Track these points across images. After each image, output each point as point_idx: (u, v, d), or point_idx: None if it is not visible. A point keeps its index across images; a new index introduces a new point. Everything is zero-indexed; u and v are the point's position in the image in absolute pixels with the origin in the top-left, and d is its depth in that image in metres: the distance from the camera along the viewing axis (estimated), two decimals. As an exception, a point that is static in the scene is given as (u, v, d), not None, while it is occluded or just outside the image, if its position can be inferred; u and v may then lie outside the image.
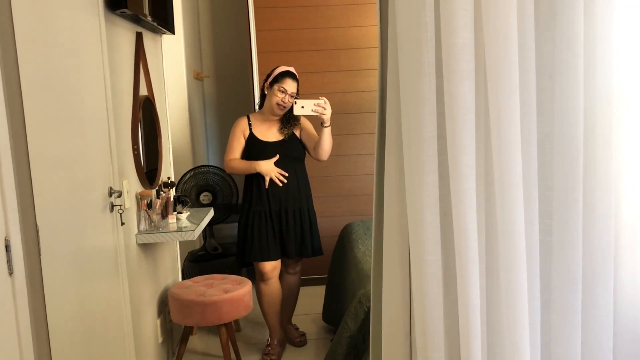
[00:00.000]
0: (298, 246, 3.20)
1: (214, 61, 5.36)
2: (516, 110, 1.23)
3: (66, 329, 1.78)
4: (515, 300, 1.24)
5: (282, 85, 3.01)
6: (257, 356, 3.29)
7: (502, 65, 1.21)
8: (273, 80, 3.06)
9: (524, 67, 1.26)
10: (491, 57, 1.22)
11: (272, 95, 3.04)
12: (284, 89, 3.01)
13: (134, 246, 2.59)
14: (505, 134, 1.22)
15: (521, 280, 1.23)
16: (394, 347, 1.44)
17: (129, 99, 2.62)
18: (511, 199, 1.23)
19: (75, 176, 1.92)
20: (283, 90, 3.01)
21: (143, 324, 2.66)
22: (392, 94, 1.40)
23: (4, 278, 1.44)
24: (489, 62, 1.23)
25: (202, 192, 3.97)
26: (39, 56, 1.70)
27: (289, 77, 3.04)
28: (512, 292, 1.23)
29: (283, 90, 3.01)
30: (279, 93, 3.02)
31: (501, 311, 1.26)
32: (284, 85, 3.01)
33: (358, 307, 2.40)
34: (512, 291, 1.23)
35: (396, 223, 1.37)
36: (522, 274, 1.23)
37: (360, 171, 4.44)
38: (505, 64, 1.21)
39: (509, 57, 1.21)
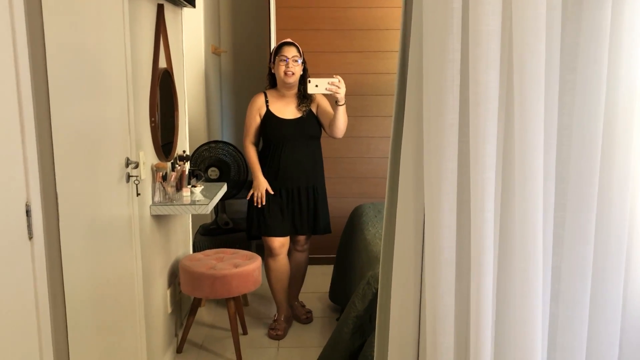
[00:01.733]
0: (311, 223, 3.23)
1: (232, 36, 5.35)
2: (540, 101, 1.22)
3: (81, 293, 1.81)
4: (529, 290, 1.25)
5: (281, 54, 3.09)
6: (263, 330, 3.34)
7: (528, 55, 1.21)
8: (274, 56, 3.14)
9: (549, 58, 1.26)
10: (518, 46, 1.21)
11: (278, 68, 3.11)
12: (284, 56, 3.08)
13: (147, 217, 2.62)
14: (529, 125, 1.22)
15: (536, 271, 1.24)
16: (402, 330, 1.46)
17: (148, 71, 2.63)
18: (530, 190, 1.24)
19: (94, 146, 1.95)
20: (283, 58, 3.08)
21: (153, 294, 2.71)
22: (413, 78, 1.40)
23: (24, 242, 1.47)
24: (516, 51, 1.22)
25: (210, 167, 4.00)
26: (64, 27, 1.71)
27: (285, 45, 3.13)
28: (526, 282, 1.24)
29: (283, 58, 3.08)
30: (281, 63, 3.08)
31: (515, 301, 1.27)
32: (282, 53, 3.09)
33: (366, 288, 2.43)
34: (526, 281, 1.24)
35: (411, 208, 1.38)
36: (537, 265, 1.24)
37: (373, 154, 4.44)
38: (532, 54, 1.21)
39: (536, 47, 1.21)
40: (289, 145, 3.15)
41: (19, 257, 1.44)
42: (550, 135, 1.29)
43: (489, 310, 1.29)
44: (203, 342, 3.22)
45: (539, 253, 1.26)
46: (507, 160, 1.29)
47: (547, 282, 1.34)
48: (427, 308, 1.35)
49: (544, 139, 1.27)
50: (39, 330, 1.53)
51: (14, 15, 1.40)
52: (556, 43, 1.27)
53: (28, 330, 1.49)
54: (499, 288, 1.34)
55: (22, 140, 1.44)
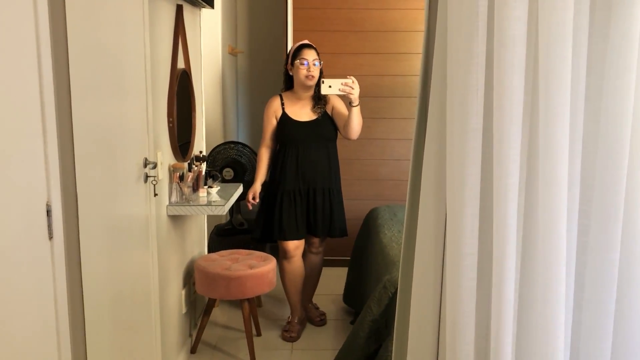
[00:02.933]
0: (326, 225, 3.22)
1: (248, 37, 5.36)
2: (566, 107, 1.20)
3: (99, 293, 1.82)
4: (551, 297, 1.23)
5: (302, 57, 3.07)
6: (277, 332, 3.34)
7: (554, 60, 1.19)
8: (292, 58, 3.12)
9: (575, 63, 1.24)
10: (543, 51, 1.19)
11: (297, 71, 3.09)
12: (305, 59, 3.06)
13: (164, 217, 2.63)
14: (554, 130, 1.20)
15: (559, 278, 1.22)
16: (421, 336, 1.44)
17: (167, 71, 2.64)
18: (554, 196, 1.22)
19: (113, 146, 1.95)
20: (304, 61, 3.06)
21: (168, 293, 2.71)
22: (437, 82, 1.38)
23: (44, 241, 1.47)
24: (541, 56, 1.21)
25: (225, 168, 4.00)
26: (86, 27, 1.72)
27: (305, 48, 3.11)
28: (549, 289, 1.22)
29: (304, 61, 3.06)
30: (302, 66, 3.06)
31: (536, 309, 1.26)
32: (302, 56, 3.07)
33: (382, 292, 2.41)
34: (549, 288, 1.22)
35: (433, 213, 1.36)
36: (560, 273, 1.22)
37: (389, 156, 4.42)
38: (558, 60, 1.19)
39: (562, 52, 1.19)
40: (304, 147, 3.14)
41: (40, 257, 1.45)
42: (575, 142, 1.27)
43: (510, 317, 1.27)
44: (217, 342, 3.22)
45: (562, 260, 1.24)
46: (531, 166, 1.27)
47: (571, 290, 1.32)
48: (447, 315, 1.33)
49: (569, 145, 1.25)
50: (57, 328, 1.53)
51: (38, 16, 1.41)
52: (583, 48, 1.25)
53: (47, 328, 1.49)
54: (521, 295, 1.32)
55: (44, 141, 1.45)
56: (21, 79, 1.36)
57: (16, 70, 1.34)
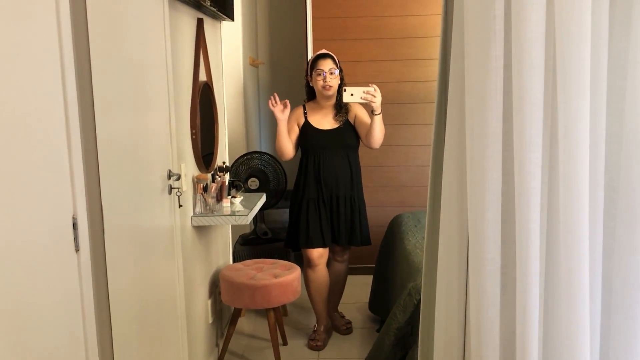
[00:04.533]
0: (348, 234, 3.22)
1: (269, 48, 5.40)
2: (585, 108, 1.19)
3: (125, 304, 1.84)
4: (576, 303, 1.21)
5: (318, 68, 3.09)
6: (303, 341, 3.33)
7: (573, 61, 1.18)
8: (310, 69, 3.14)
9: (596, 64, 1.22)
10: (562, 53, 1.18)
11: (315, 82, 3.11)
12: (321, 70, 3.08)
13: (189, 228, 2.65)
14: (573, 132, 1.19)
15: (583, 283, 1.20)
16: (446, 343, 1.43)
17: (189, 84, 2.67)
18: (576, 199, 1.20)
19: (137, 158, 1.98)
20: (320, 72, 3.07)
21: (195, 304, 2.73)
22: (455, 86, 1.38)
23: (71, 254, 1.50)
24: (560, 57, 1.19)
25: (250, 178, 4.03)
26: (108, 41, 1.75)
27: (321, 58, 3.12)
28: (573, 295, 1.20)
29: (320, 72, 3.07)
30: (318, 77, 3.08)
31: (560, 314, 1.24)
32: (319, 67, 3.09)
33: (407, 300, 2.40)
34: (573, 294, 1.21)
35: (455, 219, 1.35)
36: (584, 277, 1.20)
37: (412, 162, 4.40)
38: (576, 60, 1.17)
39: (580, 53, 1.17)
40: (326, 155, 3.15)
41: (67, 270, 1.48)
42: (598, 143, 1.25)
43: (535, 323, 1.25)
44: (243, 352, 3.23)
45: (584, 265, 1.22)
46: (553, 169, 1.26)
47: (597, 294, 1.30)
48: (472, 321, 1.32)
49: (591, 146, 1.23)
50: (85, 340, 1.56)
51: (61, 32, 1.44)
52: (603, 48, 1.23)
53: (75, 340, 1.52)
54: (546, 301, 1.30)
55: (69, 155, 1.48)
56: (45, 93, 1.39)
57: (40, 84, 1.37)
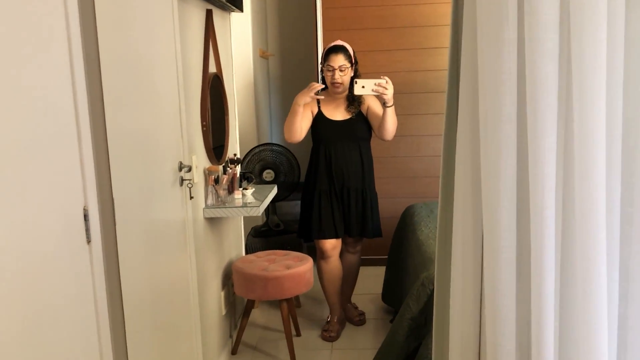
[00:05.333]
0: (360, 226, 3.21)
1: (279, 39, 5.38)
2: (601, 92, 1.16)
3: (138, 295, 1.85)
4: (592, 290, 1.19)
5: (328, 64, 3.03)
6: (316, 332, 3.33)
7: (588, 44, 1.15)
8: (323, 61, 3.10)
9: (612, 46, 1.19)
10: (576, 36, 1.15)
11: (326, 75, 3.08)
12: (330, 67, 3.02)
13: (201, 220, 2.65)
14: (589, 117, 1.16)
15: (599, 269, 1.18)
16: (461, 332, 1.41)
17: (199, 75, 2.67)
18: (592, 185, 1.17)
19: (147, 150, 1.98)
20: (330, 68, 3.03)
21: (208, 295, 2.74)
22: (467, 73, 1.35)
23: (82, 246, 1.50)
24: (574, 41, 1.17)
25: (265, 170, 4.03)
26: (117, 33, 1.75)
27: (332, 53, 3.04)
28: (589, 281, 1.18)
29: (330, 68, 3.03)
30: (328, 73, 3.04)
31: (577, 301, 1.21)
32: (329, 63, 3.03)
33: (420, 290, 2.38)
34: (589, 280, 1.18)
35: (469, 207, 1.33)
36: (600, 264, 1.18)
37: (424, 152, 4.37)
38: (591, 44, 1.15)
39: (595, 35, 1.14)
40: (338, 146, 3.13)
41: (78, 261, 1.48)
42: (614, 128, 1.22)
43: (550, 311, 1.23)
44: (257, 343, 3.24)
45: (601, 251, 1.19)
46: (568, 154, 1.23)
47: (615, 282, 1.27)
48: (487, 310, 1.30)
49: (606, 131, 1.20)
50: (98, 331, 1.56)
51: (69, 25, 1.44)
52: (619, 30, 1.20)
53: (88, 331, 1.52)
54: (562, 288, 1.28)
55: (79, 146, 1.48)
56: (54, 86, 1.39)
57: (49, 78, 1.37)
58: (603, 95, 1.17)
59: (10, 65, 1.22)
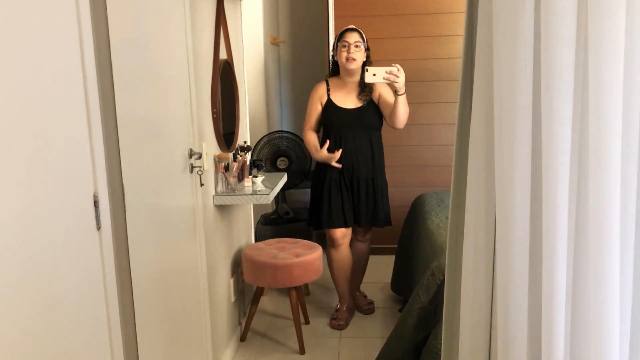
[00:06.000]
0: (370, 215, 3.19)
1: (290, 26, 5.35)
2: (618, 80, 1.14)
3: (147, 282, 1.85)
4: (605, 282, 1.17)
5: (344, 40, 3.04)
6: (325, 320, 3.34)
7: (605, 30, 1.12)
8: (336, 43, 3.11)
9: (630, 35, 1.16)
10: (593, 23, 1.13)
11: (340, 55, 3.07)
12: (346, 42, 3.03)
13: (210, 207, 2.65)
14: (605, 105, 1.14)
15: (612, 263, 1.16)
16: (472, 322, 1.40)
17: (209, 62, 2.65)
18: (607, 175, 1.15)
19: (158, 137, 1.98)
20: (345, 43, 3.03)
21: (217, 282, 2.74)
22: (482, 61, 1.33)
23: (92, 232, 1.50)
24: (591, 28, 1.14)
25: (279, 157, 4.02)
26: (127, 18, 1.73)
27: (347, 31, 3.08)
28: (601, 274, 1.16)
29: (345, 43, 3.03)
30: (343, 49, 3.04)
31: (589, 293, 1.20)
32: (344, 39, 3.04)
33: (430, 279, 2.37)
34: (602, 274, 1.16)
35: (482, 196, 1.32)
36: (613, 258, 1.16)
37: (435, 141, 4.34)
38: (608, 31, 1.12)
39: (613, 22, 1.12)
40: (348, 134, 3.11)
41: (88, 247, 1.48)
42: (631, 117, 1.20)
43: (561, 303, 1.22)
44: (266, 330, 3.25)
45: (614, 244, 1.17)
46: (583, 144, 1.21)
47: (629, 277, 1.25)
48: (499, 301, 1.29)
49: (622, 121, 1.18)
50: (108, 317, 1.57)
51: (80, 10, 1.43)
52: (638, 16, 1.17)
53: (97, 317, 1.53)
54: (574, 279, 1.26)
55: (89, 133, 1.47)
56: (65, 72, 1.38)
57: (59, 63, 1.36)
58: (620, 83, 1.14)
59: (20, 50, 1.21)
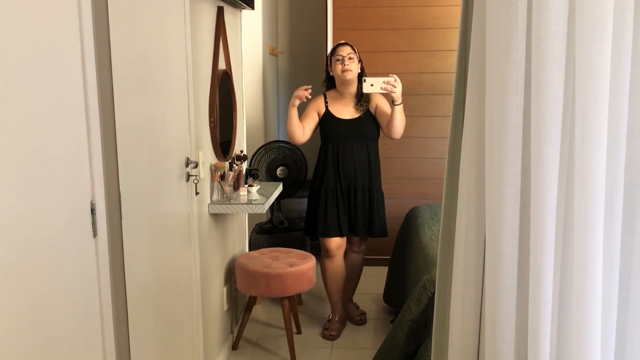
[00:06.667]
0: (366, 225, 3.22)
1: (289, 37, 5.39)
2: (604, 103, 1.17)
3: (141, 289, 1.87)
4: (586, 299, 1.20)
5: (337, 54, 3.10)
6: (317, 330, 3.35)
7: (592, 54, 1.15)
8: (330, 58, 3.16)
9: (618, 57, 1.20)
10: (582, 47, 1.16)
11: (335, 68, 3.11)
12: (340, 55, 3.09)
13: (206, 215, 2.67)
14: (591, 126, 1.16)
15: (595, 280, 1.18)
16: (460, 336, 1.42)
17: (208, 72, 2.68)
18: (591, 194, 1.18)
19: (155, 145, 2.00)
20: (339, 57, 3.09)
21: (210, 291, 2.76)
22: (474, 78, 1.36)
23: (89, 239, 1.52)
24: (580, 50, 1.17)
25: (278, 167, 4.05)
26: (128, 29, 1.76)
27: (339, 46, 3.15)
28: (584, 291, 1.19)
29: (339, 57, 3.09)
30: (337, 62, 3.09)
31: (572, 309, 1.22)
32: (338, 53, 3.10)
33: (422, 292, 2.39)
34: (584, 290, 1.19)
35: (472, 211, 1.34)
36: (596, 274, 1.18)
37: (430, 154, 4.38)
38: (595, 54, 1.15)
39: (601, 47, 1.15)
40: (345, 144, 3.14)
41: (84, 254, 1.50)
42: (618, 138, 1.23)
43: (547, 318, 1.24)
44: (258, 339, 3.26)
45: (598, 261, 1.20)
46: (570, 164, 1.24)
47: (614, 291, 1.28)
48: (487, 315, 1.31)
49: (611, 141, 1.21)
50: (101, 323, 1.58)
51: (82, 20, 1.46)
52: (627, 41, 1.20)
53: (91, 323, 1.54)
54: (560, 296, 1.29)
55: (88, 141, 1.50)
56: (66, 80, 1.41)
57: (61, 72, 1.39)
58: (606, 105, 1.18)
59: (22, 59, 1.23)
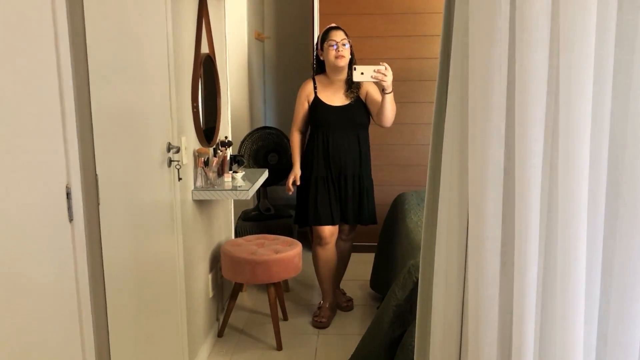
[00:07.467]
0: (356, 212, 3.21)
1: (275, 22, 5.33)
2: (588, 84, 1.15)
3: (120, 276, 1.84)
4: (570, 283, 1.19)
5: (330, 39, 3.05)
6: (304, 317, 3.34)
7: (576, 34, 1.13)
8: (321, 42, 3.11)
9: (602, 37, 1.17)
10: (566, 26, 1.14)
11: (327, 53, 3.07)
12: (333, 41, 3.05)
13: (189, 202, 2.64)
14: (575, 109, 1.15)
15: (578, 263, 1.17)
16: (443, 321, 1.41)
17: (190, 56, 2.63)
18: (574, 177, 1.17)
19: (135, 130, 1.96)
20: (332, 43, 3.04)
21: (195, 278, 2.73)
22: (457, 60, 1.34)
23: (64, 224, 1.49)
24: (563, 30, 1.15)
25: (270, 153, 4.02)
26: (105, 7, 1.71)
27: (332, 30, 3.10)
28: (568, 274, 1.18)
29: (332, 43, 3.04)
30: (331, 48, 3.04)
31: (556, 292, 1.21)
32: (331, 38, 3.06)
33: (407, 277, 2.38)
34: (568, 274, 1.18)
35: (455, 195, 1.32)
36: (579, 256, 1.17)
37: (418, 141, 4.36)
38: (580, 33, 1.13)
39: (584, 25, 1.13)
40: (336, 132, 3.11)
41: (60, 239, 1.46)
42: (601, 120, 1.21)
43: (532, 302, 1.23)
44: (244, 326, 3.24)
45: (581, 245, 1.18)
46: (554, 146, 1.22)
47: (597, 276, 1.27)
48: (470, 299, 1.30)
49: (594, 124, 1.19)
50: (79, 310, 1.55)
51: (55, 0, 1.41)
52: (611, 22, 1.18)
53: (69, 310, 1.51)
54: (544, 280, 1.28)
55: (63, 124, 1.45)
56: (38, 61, 1.37)
57: (33, 53, 1.35)
58: (590, 87, 1.16)
59: (-10, 38, 1.19)
